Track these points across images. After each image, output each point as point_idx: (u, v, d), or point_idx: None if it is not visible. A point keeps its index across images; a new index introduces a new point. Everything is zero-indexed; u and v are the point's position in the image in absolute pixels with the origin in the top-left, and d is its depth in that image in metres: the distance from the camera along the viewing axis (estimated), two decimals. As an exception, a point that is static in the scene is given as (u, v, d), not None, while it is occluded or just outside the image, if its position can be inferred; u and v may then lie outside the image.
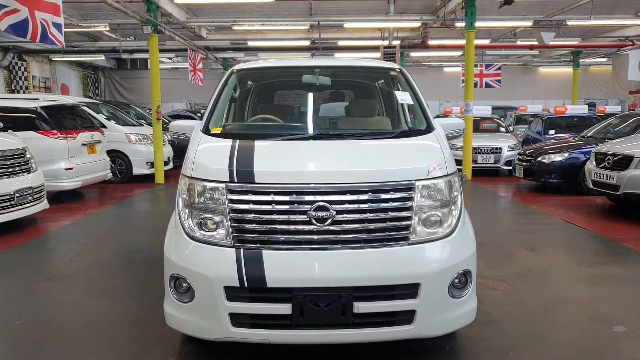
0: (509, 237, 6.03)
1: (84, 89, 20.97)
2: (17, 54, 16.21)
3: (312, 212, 2.53)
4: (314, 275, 2.50)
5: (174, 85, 21.48)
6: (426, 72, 22.54)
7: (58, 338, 3.29)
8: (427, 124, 3.29)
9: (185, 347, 3.06)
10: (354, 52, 16.29)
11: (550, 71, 23.89)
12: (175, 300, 2.69)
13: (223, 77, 3.82)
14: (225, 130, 3.37)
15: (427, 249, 2.62)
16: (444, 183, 2.71)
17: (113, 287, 4.32)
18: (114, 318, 3.58)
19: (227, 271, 2.51)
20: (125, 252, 5.36)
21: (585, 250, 5.40)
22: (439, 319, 2.63)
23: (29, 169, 6.41)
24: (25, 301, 3.95)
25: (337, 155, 2.84)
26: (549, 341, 3.15)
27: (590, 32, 16.18)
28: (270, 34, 15.31)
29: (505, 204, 8.43)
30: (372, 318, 2.55)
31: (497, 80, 16.35)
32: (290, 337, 2.57)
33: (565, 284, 4.26)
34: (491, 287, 4.11)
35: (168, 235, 2.86)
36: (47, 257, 5.26)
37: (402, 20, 12.81)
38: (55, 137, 7.76)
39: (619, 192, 6.59)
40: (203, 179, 2.68)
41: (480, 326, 3.27)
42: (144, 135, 10.65)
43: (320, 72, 3.91)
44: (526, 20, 12.87)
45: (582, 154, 8.57)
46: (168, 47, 15.68)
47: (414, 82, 3.69)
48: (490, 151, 11.34)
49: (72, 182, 7.98)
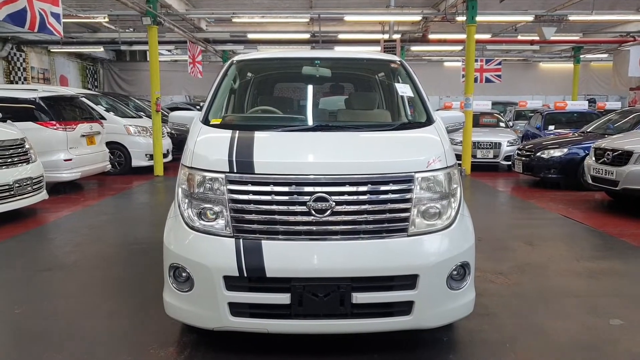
0: (508, 232, 6.04)
1: (82, 80, 20.90)
2: (15, 45, 16.14)
3: (312, 203, 2.54)
4: (313, 265, 2.51)
5: (173, 77, 21.43)
6: (426, 66, 22.48)
7: (57, 327, 3.30)
8: (427, 117, 3.29)
9: (185, 336, 3.07)
10: (354, 45, 16.23)
11: (551, 67, 23.85)
12: (175, 290, 2.70)
13: (223, 68, 3.80)
14: (225, 121, 3.37)
15: (426, 240, 2.63)
16: (443, 175, 2.71)
17: (112, 277, 4.33)
18: (113, 308, 3.59)
19: (227, 261, 2.52)
20: (125, 243, 5.36)
21: (583, 245, 5.42)
22: (437, 311, 2.64)
23: (28, 159, 6.40)
24: (25, 290, 3.95)
25: (337, 146, 2.84)
26: (546, 334, 3.16)
27: (591, 27, 16.14)
28: (270, 27, 15.25)
29: (504, 199, 8.45)
30: (371, 309, 2.56)
31: (497, 75, 16.33)
32: (288, 326, 2.59)
33: (563, 277, 4.28)
34: (489, 280, 4.12)
35: (167, 225, 2.86)
36: (47, 247, 5.27)
37: (403, 13, 12.77)
38: (54, 128, 7.75)
39: (618, 188, 6.60)
40: (203, 169, 2.68)
41: (478, 318, 3.29)
42: (143, 127, 10.63)
43: (320, 64, 3.90)
44: (527, 14, 12.82)
45: (581, 150, 8.57)
46: (167, 39, 15.61)
47: (414, 74, 3.68)
48: (489, 146, 11.35)
49: (71, 173, 7.98)
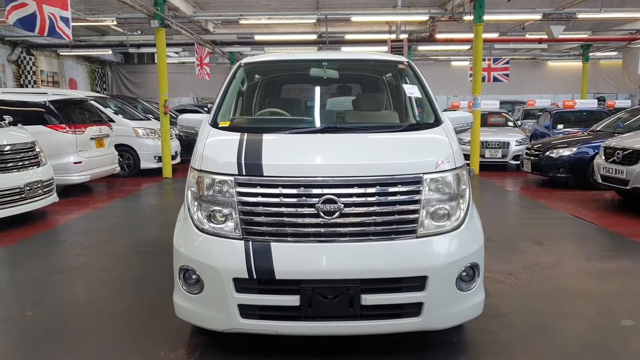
0: (517, 232, 6.01)
1: (91, 83, 21.07)
2: (25, 49, 16.31)
3: (320, 205, 2.54)
4: (322, 267, 2.52)
5: (180, 79, 21.54)
6: (434, 66, 22.41)
7: (69, 328, 3.33)
8: (435, 118, 3.28)
9: (195, 338, 3.09)
10: (361, 45, 16.22)
11: (559, 65, 23.67)
12: (185, 292, 2.72)
13: (231, 71, 3.83)
14: (233, 124, 3.38)
15: (435, 242, 2.62)
16: (452, 176, 2.71)
17: (123, 279, 4.36)
18: (123, 309, 3.61)
19: (236, 263, 2.53)
20: (134, 245, 5.40)
21: (593, 245, 5.37)
22: (446, 312, 2.64)
23: (38, 162, 6.47)
24: (37, 292, 3.99)
25: (345, 148, 2.84)
26: (556, 334, 3.15)
27: (600, 25, 16.00)
28: (277, 28, 15.28)
29: (512, 199, 8.40)
30: (380, 310, 2.56)
31: (505, 74, 16.23)
32: (298, 328, 2.59)
33: (573, 278, 4.25)
34: (499, 281, 4.10)
35: (177, 227, 2.88)
36: (58, 250, 5.32)
37: (410, 13, 12.74)
38: (64, 131, 7.82)
39: (628, 187, 6.54)
40: (212, 171, 2.70)
41: (488, 319, 3.27)
42: (151, 129, 10.70)
43: (327, 66, 3.91)
44: (535, 13, 12.74)
45: (590, 149, 8.50)
46: (175, 41, 15.71)
47: (422, 75, 3.68)
48: (497, 145, 11.29)
49: (81, 176, 8.05)
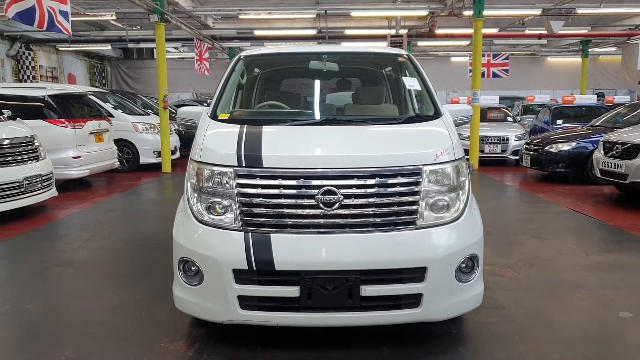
0: (516, 226, 6.02)
1: (90, 78, 21.02)
2: (24, 44, 16.24)
3: (320, 196, 2.54)
4: (322, 258, 2.52)
5: (180, 75, 21.51)
6: (433, 61, 22.39)
7: (68, 321, 3.34)
8: (434, 110, 3.28)
9: (194, 330, 3.10)
10: (360, 41, 16.19)
11: (559, 61, 23.66)
12: (184, 284, 2.72)
13: (230, 63, 3.82)
14: (233, 116, 3.38)
15: (434, 233, 2.63)
16: (451, 168, 2.71)
17: (122, 272, 4.37)
18: (123, 302, 3.62)
19: (236, 254, 2.54)
20: (133, 239, 5.40)
21: (592, 239, 5.39)
22: (445, 303, 2.65)
23: (37, 156, 6.46)
24: (36, 285, 4.00)
25: (344, 140, 2.85)
26: (555, 326, 3.16)
27: (599, 20, 15.99)
28: (277, 23, 15.25)
29: (512, 193, 8.41)
30: (379, 301, 2.57)
31: (504, 70, 16.22)
32: (298, 319, 2.60)
33: (572, 271, 4.26)
34: (498, 274, 4.12)
35: (177, 219, 2.88)
36: (57, 244, 5.32)
37: (410, 8, 12.73)
38: (63, 126, 7.81)
39: (626, 181, 6.55)
40: (211, 163, 2.70)
41: (487, 311, 3.29)
42: (151, 124, 10.68)
43: (327, 59, 3.91)
44: (535, 8, 12.72)
45: (589, 143, 8.51)
46: (174, 36, 15.66)
47: (421, 68, 3.68)
48: (497, 141, 11.29)
49: (80, 171, 8.05)
